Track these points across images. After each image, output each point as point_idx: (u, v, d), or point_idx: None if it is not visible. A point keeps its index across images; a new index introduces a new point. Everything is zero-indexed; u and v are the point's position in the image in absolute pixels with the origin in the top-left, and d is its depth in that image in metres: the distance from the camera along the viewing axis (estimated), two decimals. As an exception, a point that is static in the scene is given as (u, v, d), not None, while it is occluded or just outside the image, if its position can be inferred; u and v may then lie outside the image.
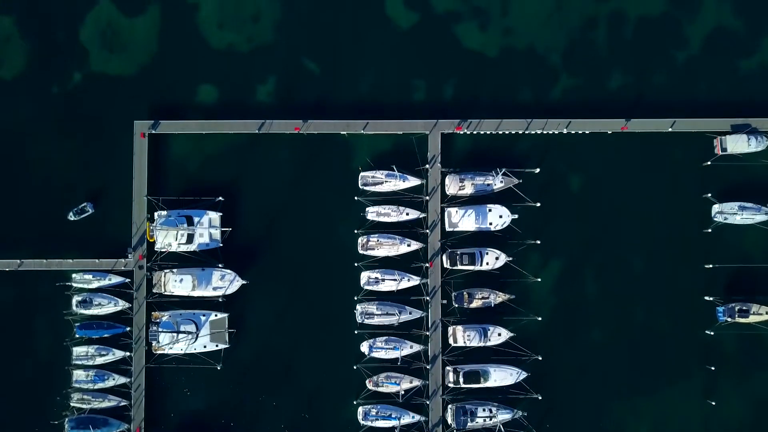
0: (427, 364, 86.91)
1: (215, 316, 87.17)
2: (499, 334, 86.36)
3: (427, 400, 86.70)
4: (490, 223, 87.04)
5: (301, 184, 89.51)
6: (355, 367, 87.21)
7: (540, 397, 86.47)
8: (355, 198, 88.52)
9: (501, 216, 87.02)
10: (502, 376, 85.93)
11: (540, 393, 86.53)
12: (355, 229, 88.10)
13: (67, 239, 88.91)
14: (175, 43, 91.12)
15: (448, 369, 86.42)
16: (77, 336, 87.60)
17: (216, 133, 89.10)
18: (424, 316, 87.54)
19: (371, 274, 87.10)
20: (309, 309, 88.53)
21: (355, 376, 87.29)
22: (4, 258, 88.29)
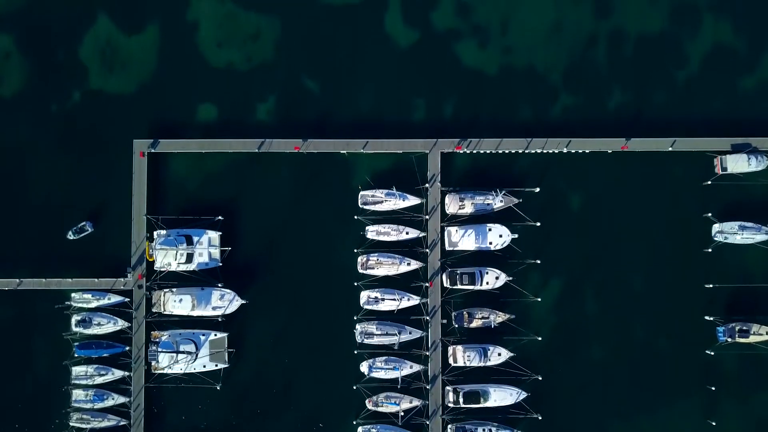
0: (427, 384, 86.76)
1: (215, 335, 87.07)
2: (499, 354, 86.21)
3: (427, 420, 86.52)
4: (490, 243, 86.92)
5: (301, 203, 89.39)
6: (354, 387, 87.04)
7: (540, 417, 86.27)
8: (355, 217, 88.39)
9: (501, 235, 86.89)
10: (502, 396, 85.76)
11: (540, 413, 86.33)
12: (355, 248, 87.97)
13: (66, 258, 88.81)
14: (175, 62, 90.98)
15: (448, 389, 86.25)
16: (76, 355, 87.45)
17: (215, 152, 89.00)
18: (424, 335, 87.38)
19: (371, 294, 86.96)
20: (308, 329, 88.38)
21: (354, 396, 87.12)
22: (3, 277, 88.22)
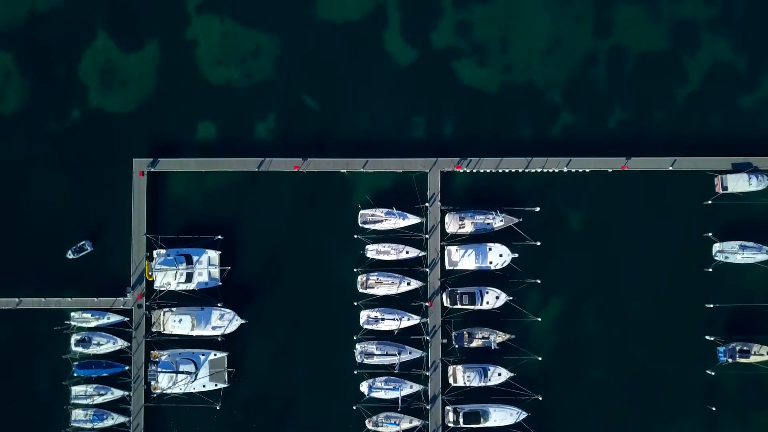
0: (427, 404, 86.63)
1: (214, 355, 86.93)
2: (499, 374, 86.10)
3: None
4: (490, 262, 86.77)
5: (301, 222, 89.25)
6: (354, 407, 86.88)
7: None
8: (355, 236, 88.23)
9: (501, 255, 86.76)
10: (502, 416, 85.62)
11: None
12: (355, 268, 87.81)
13: (65, 277, 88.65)
14: (174, 80, 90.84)
15: (448, 409, 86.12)
16: (76, 375, 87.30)
17: (215, 171, 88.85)
18: (424, 355, 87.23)
19: (371, 313, 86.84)
20: (308, 348, 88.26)
21: (354, 416, 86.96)
22: (2, 296, 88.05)
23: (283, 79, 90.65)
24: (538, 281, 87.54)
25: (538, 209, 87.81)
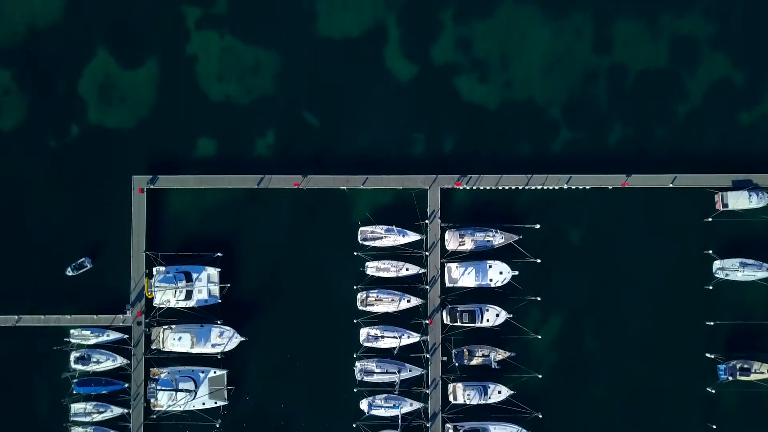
0: (427, 422, 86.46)
1: (214, 372, 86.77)
2: (500, 392, 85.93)
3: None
4: (491, 280, 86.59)
5: (300, 239, 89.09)
6: (354, 424, 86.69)
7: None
8: (355, 253, 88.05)
9: (501, 272, 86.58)
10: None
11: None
12: (355, 285, 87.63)
13: (65, 295, 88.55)
14: (174, 96, 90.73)
15: (448, 427, 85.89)
16: (75, 392, 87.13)
17: (215, 188, 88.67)
18: (424, 373, 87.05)
19: (371, 331, 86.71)
20: (308, 366, 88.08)
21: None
22: (1, 313, 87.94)
23: (282, 96, 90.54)
24: (539, 299, 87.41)
25: (538, 226, 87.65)
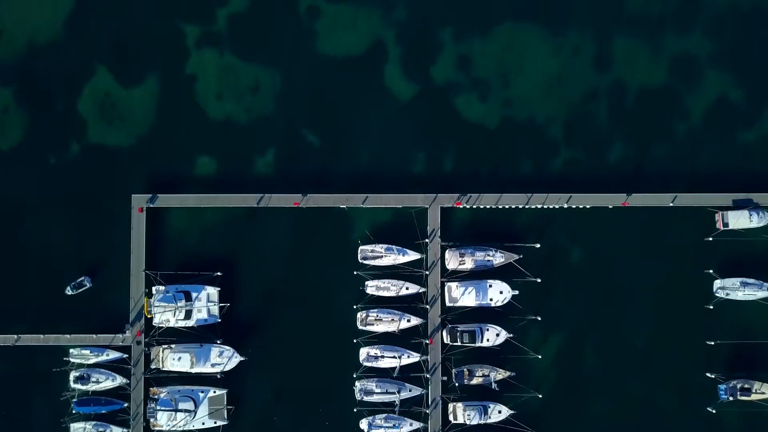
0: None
1: (213, 392, 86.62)
2: (500, 412, 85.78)
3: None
4: (491, 299, 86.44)
5: (300, 258, 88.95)
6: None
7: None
8: (355, 272, 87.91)
9: (501, 292, 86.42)
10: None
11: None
12: (354, 304, 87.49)
13: (64, 314, 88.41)
14: (174, 115, 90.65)
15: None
16: (75, 412, 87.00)
17: (214, 206, 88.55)
18: (424, 393, 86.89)
19: (370, 351, 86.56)
20: (308, 385, 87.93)
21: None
22: (1, 333, 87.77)
23: (282, 114, 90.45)
24: (539, 318, 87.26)
25: (538, 246, 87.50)
